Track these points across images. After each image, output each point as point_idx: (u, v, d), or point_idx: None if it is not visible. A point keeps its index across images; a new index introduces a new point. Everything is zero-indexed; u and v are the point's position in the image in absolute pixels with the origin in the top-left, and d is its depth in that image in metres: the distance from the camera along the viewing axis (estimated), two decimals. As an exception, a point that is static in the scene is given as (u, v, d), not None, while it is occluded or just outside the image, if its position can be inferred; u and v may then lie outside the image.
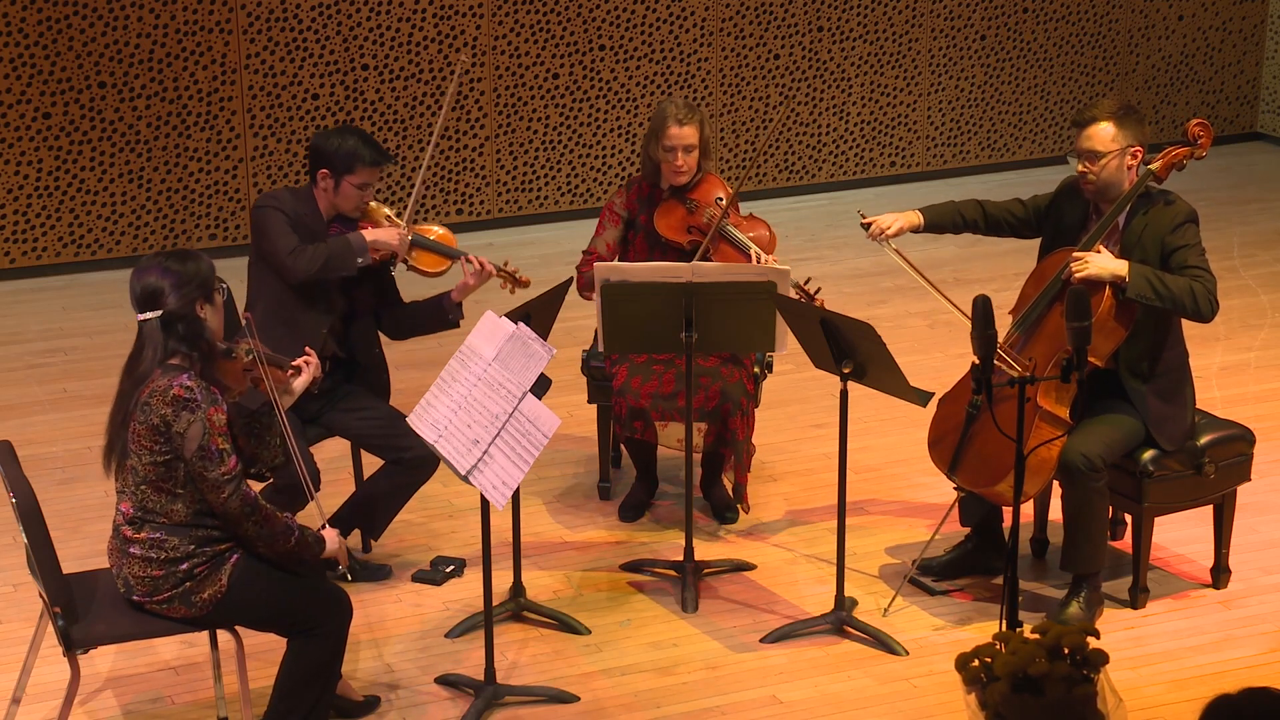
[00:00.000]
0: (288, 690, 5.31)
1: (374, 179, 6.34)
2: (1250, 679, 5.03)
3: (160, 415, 5.05)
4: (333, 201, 6.34)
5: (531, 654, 6.04)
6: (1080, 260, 6.01)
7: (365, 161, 6.28)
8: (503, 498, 5.39)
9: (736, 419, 6.58)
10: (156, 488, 5.13)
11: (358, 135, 6.33)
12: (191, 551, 5.16)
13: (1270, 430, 7.44)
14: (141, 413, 5.09)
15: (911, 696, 5.80)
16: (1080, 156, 6.11)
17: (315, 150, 6.33)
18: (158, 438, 5.07)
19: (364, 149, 6.28)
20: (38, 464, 7.13)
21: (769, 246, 6.73)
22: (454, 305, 6.52)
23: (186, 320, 5.14)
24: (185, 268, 5.19)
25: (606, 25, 10.14)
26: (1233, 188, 10.87)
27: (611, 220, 6.89)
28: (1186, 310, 5.99)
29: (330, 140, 6.31)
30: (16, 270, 9.49)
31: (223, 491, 5.09)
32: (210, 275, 5.24)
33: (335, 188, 6.32)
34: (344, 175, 6.30)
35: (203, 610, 5.21)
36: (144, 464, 5.12)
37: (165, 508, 5.14)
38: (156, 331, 5.13)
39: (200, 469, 5.08)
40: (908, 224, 6.44)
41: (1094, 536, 6.08)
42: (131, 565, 5.19)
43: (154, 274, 5.16)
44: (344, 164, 6.28)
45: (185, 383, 5.07)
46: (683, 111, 6.70)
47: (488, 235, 10.10)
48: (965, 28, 10.88)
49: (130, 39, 9.35)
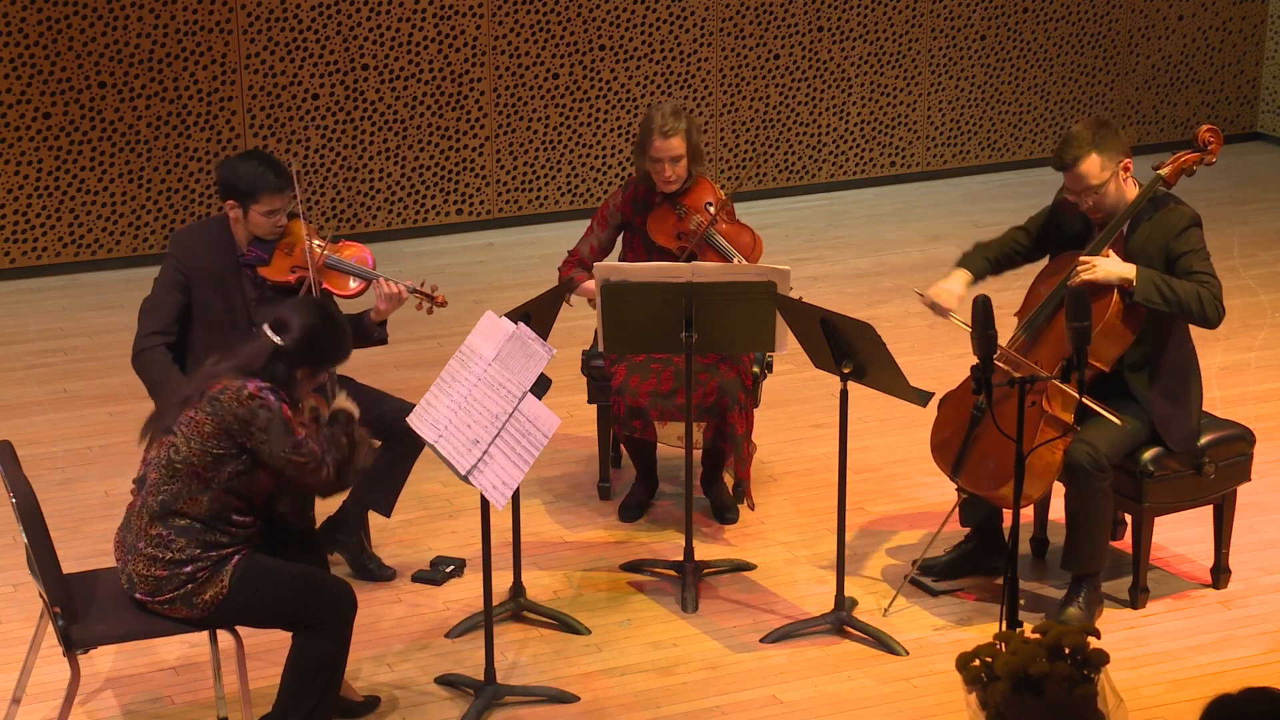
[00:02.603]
0: (294, 685, 5.33)
1: (282, 204, 6.20)
2: (1250, 679, 5.03)
3: (235, 414, 5.13)
4: (247, 229, 6.24)
5: (531, 654, 6.04)
6: (1087, 264, 6.00)
7: (269, 188, 6.15)
8: (503, 498, 5.39)
9: (734, 414, 6.58)
10: (195, 473, 5.16)
11: (260, 160, 6.19)
12: (196, 555, 5.17)
13: (1270, 430, 7.44)
14: (210, 406, 5.15)
15: (911, 696, 5.80)
16: (1079, 195, 6.07)
17: (221, 182, 6.22)
18: (223, 435, 5.15)
19: (266, 175, 6.14)
20: (38, 464, 7.13)
21: (753, 254, 6.73)
22: (376, 324, 6.38)
23: (287, 370, 5.25)
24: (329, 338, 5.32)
25: (606, 25, 10.14)
26: (1233, 188, 10.87)
27: (601, 224, 6.89)
28: (1193, 315, 5.99)
29: (233, 169, 6.18)
30: (16, 270, 9.49)
31: (323, 472, 5.24)
32: (336, 359, 5.39)
33: (244, 216, 6.21)
34: (250, 204, 6.18)
35: (205, 611, 5.22)
36: (193, 449, 5.16)
37: (190, 496, 5.17)
38: (264, 348, 5.26)
39: (296, 458, 5.18)
40: (964, 286, 6.32)
41: (1096, 537, 6.08)
42: (137, 562, 5.20)
43: (311, 315, 5.32)
44: (248, 193, 6.16)
45: (259, 383, 5.20)
46: (668, 122, 6.67)
47: (488, 235, 10.10)
48: (965, 28, 10.88)
49: (130, 39, 9.35)
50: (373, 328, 6.39)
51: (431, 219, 10.08)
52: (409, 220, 10.06)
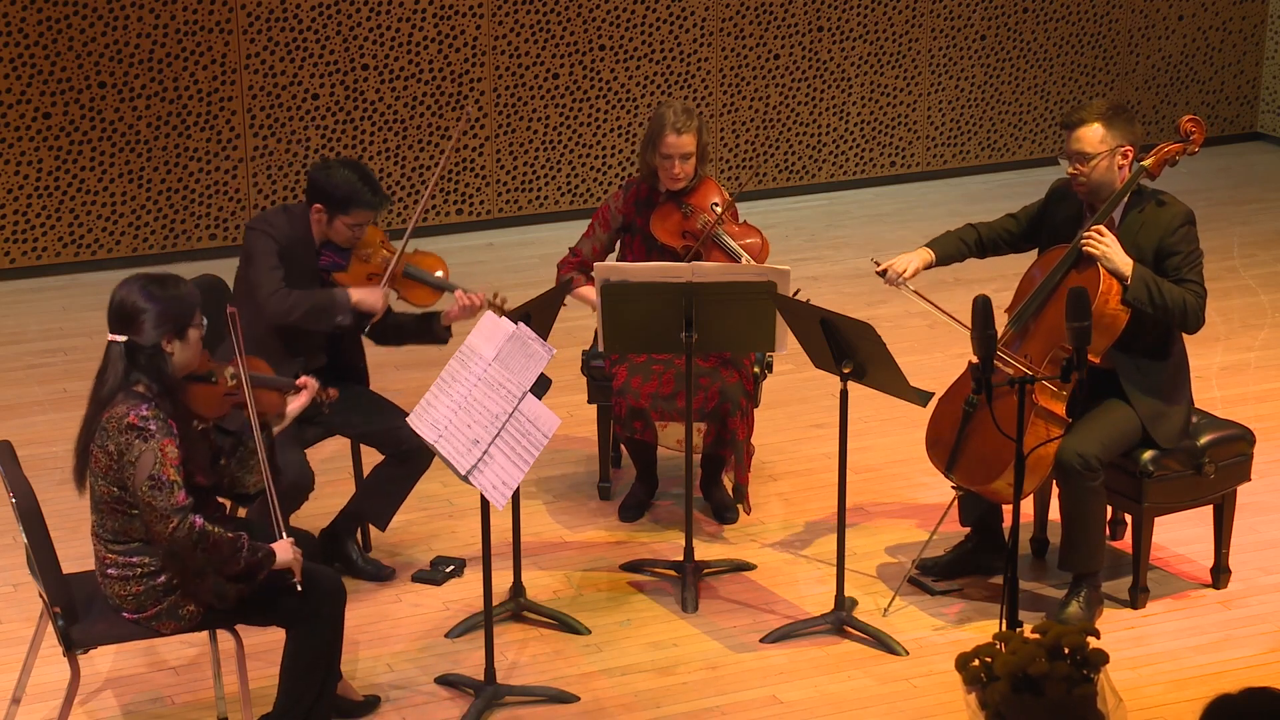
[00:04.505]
0: (292, 682, 5.33)
1: (370, 219, 6.24)
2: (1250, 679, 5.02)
3: (116, 442, 5.04)
4: (325, 232, 6.27)
5: (531, 654, 6.04)
6: (1100, 238, 5.99)
7: (362, 205, 6.19)
8: (503, 498, 5.39)
9: (736, 419, 6.58)
10: (113, 510, 5.13)
11: (358, 173, 6.21)
12: (163, 564, 5.16)
13: (1270, 430, 7.44)
14: (100, 437, 5.09)
15: (911, 696, 5.80)
16: (1070, 159, 6.09)
17: (313, 183, 6.23)
18: (111, 464, 5.07)
19: (363, 191, 6.17)
20: (38, 464, 7.13)
21: (761, 255, 6.73)
22: (443, 328, 6.47)
23: (150, 353, 5.11)
24: (166, 295, 5.13)
25: (606, 25, 10.14)
26: (1233, 188, 10.87)
27: (603, 225, 6.89)
28: (1174, 321, 6.02)
29: (330, 176, 6.19)
30: (16, 270, 9.49)
31: (170, 522, 5.01)
32: (190, 309, 5.17)
33: (328, 222, 6.23)
34: (338, 214, 6.21)
35: (192, 623, 5.23)
36: (100, 485, 5.12)
37: (124, 527, 5.15)
38: (120, 357, 5.13)
39: (149, 498, 5.01)
40: (922, 263, 6.36)
41: (1092, 536, 6.08)
42: (111, 585, 5.21)
43: (135, 294, 5.14)
44: (341, 204, 6.19)
45: (142, 412, 5.04)
46: (680, 119, 6.67)
47: (488, 235, 10.10)
48: (965, 28, 10.88)
49: (130, 39, 9.35)
50: (440, 330, 6.47)
51: (431, 219, 10.08)
52: (409, 220, 10.06)
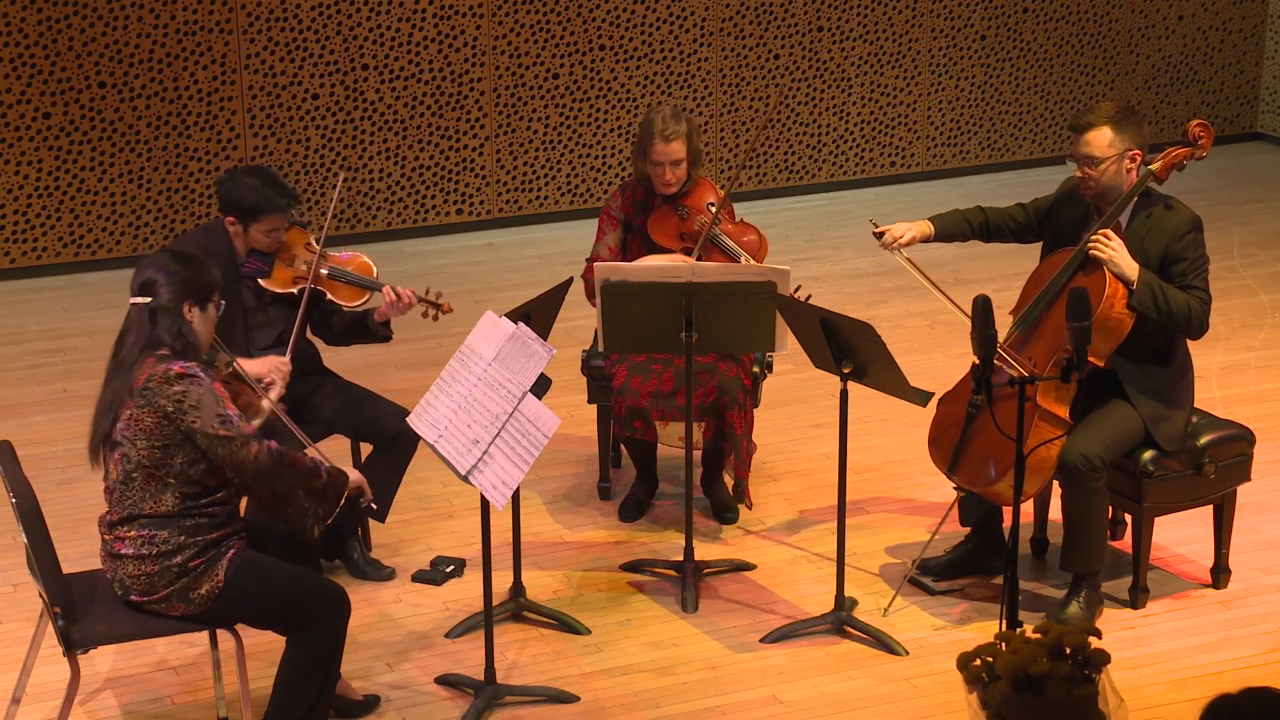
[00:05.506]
0: (288, 689, 5.31)
1: (284, 222, 6.23)
2: (1250, 679, 5.03)
3: (167, 396, 5.09)
4: (246, 242, 6.27)
5: (531, 654, 6.04)
6: (1107, 241, 5.99)
7: (271, 209, 6.18)
8: (503, 498, 5.39)
9: (734, 413, 6.58)
10: (149, 475, 5.14)
11: (262, 178, 6.21)
12: (183, 543, 5.16)
13: (1270, 430, 7.44)
14: (142, 398, 5.11)
15: (911, 696, 5.80)
16: (1078, 162, 6.09)
17: (221, 196, 6.24)
18: (162, 422, 5.10)
19: (269, 195, 6.17)
20: (38, 464, 7.13)
21: (759, 252, 6.73)
22: (379, 325, 6.44)
23: (172, 315, 5.19)
24: (185, 269, 5.26)
25: (606, 25, 10.14)
26: (1233, 188, 10.87)
27: (610, 225, 6.89)
28: (1178, 326, 6.02)
29: (236, 186, 6.20)
30: (16, 270, 9.49)
31: (252, 447, 5.12)
32: (209, 283, 5.28)
33: (244, 232, 6.24)
34: (250, 222, 6.21)
35: (201, 606, 5.21)
36: (139, 450, 5.13)
37: (154, 497, 5.15)
38: (143, 318, 5.20)
39: (226, 432, 5.10)
40: (920, 234, 6.41)
41: (1093, 536, 6.08)
42: (125, 565, 5.19)
43: (164, 259, 5.27)
44: (250, 212, 6.19)
45: (184, 362, 5.14)
46: (669, 126, 6.66)
47: (488, 235, 10.10)
48: (965, 28, 10.88)
49: (130, 39, 9.35)
50: (376, 327, 6.45)
51: (431, 219, 10.09)
52: (409, 220, 10.06)
